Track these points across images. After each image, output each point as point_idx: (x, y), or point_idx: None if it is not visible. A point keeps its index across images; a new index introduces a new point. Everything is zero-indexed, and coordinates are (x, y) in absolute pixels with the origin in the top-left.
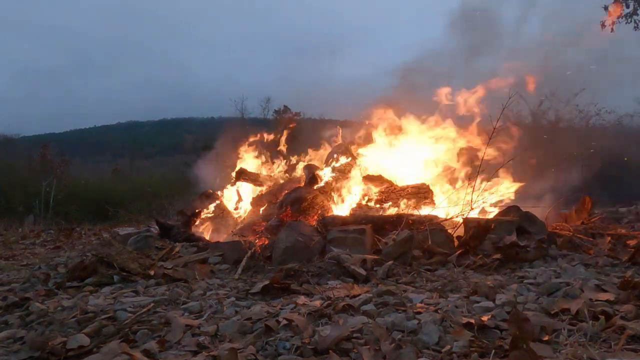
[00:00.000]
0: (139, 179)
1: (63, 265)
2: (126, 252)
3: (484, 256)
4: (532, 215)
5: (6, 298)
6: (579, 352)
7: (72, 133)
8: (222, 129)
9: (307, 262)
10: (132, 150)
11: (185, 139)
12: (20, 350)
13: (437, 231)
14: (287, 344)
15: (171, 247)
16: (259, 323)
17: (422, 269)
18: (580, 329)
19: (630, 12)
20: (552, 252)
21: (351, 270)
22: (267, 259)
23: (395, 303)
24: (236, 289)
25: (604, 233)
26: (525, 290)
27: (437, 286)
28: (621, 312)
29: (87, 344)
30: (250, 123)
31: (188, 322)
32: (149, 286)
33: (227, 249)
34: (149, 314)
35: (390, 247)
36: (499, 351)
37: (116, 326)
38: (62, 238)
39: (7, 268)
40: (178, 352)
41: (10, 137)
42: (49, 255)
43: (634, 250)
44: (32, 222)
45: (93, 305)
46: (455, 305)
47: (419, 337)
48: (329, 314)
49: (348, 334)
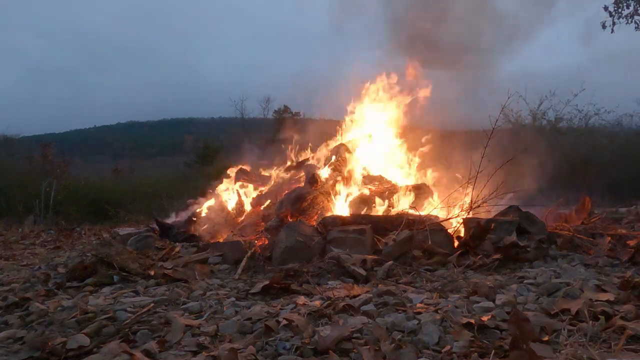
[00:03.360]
0: (139, 179)
1: (63, 265)
2: (126, 252)
3: (484, 256)
4: (532, 215)
5: (6, 298)
6: (579, 352)
7: (72, 133)
8: (223, 129)
9: (307, 262)
10: (132, 150)
11: (186, 139)
12: (20, 350)
13: (437, 231)
14: (287, 344)
15: (171, 247)
16: (259, 323)
17: (422, 269)
18: (580, 329)
19: (631, 13)
20: (552, 252)
21: (351, 270)
22: (267, 259)
23: (395, 303)
24: (236, 289)
25: (604, 233)
26: (525, 291)
27: (437, 286)
28: (621, 312)
29: (87, 344)
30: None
31: (188, 322)
32: (149, 286)
33: (227, 249)
34: (149, 314)
35: (390, 247)
36: (499, 351)
37: (116, 326)
38: (62, 238)
39: (7, 268)
40: (178, 353)
41: (10, 137)
42: (49, 255)
43: (634, 250)
44: (32, 222)
45: (93, 306)
46: (455, 306)
47: (419, 338)
48: (329, 314)
49: (348, 334)
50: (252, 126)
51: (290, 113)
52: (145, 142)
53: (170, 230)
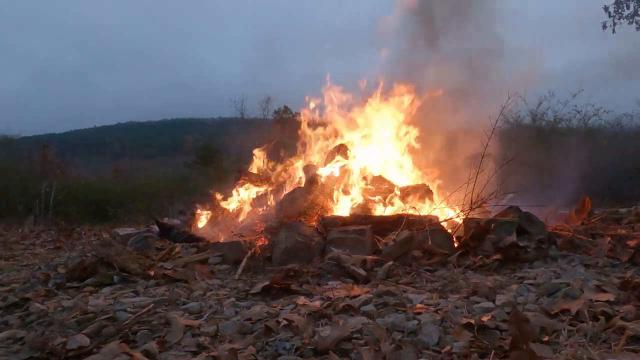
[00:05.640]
0: (139, 180)
1: (63, 265)
2: (126, 253)
3: (484, 257)
4: (532, 215)
5: (6, 298)
6: (579, 352)
7: (73, 133)
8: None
9: (307, 262)
10: (132, 150)
11: (186, 139)
12: (20, 350)
13: (437, 231)
14: (287, 345)
15: (171, 247)
16: (259, 323)
17: (422, 269)
18: (580, 329)
19: (631, 13)
20: (552, 252)
21: (351, 270)
22: (267, 260)
23: (395, 303)
24: (236, 290)
25: (604, 233)
26: (525, 291)
27: (437, 287)
28: (621, 312)
29: (87, 344)
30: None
31: (188, 322)
32: (149, 287)
33: (227, 250)
34: (149, 314)
35: (390, 247)
36: (498, 352)
37: (116, 327)
38: (62, 238)
39: (7, 268)
40: (178, 353)
41: (10, 138)
42: (49, 255)
43: (634, 250)
44: (32, 222)
45: (93, 306)
46: (455, 306)
47: (419, 338)
48: (329, 314)
49: (348, 335)
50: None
51: (290, 113)
52: (145, 142)
53: (170, 230)
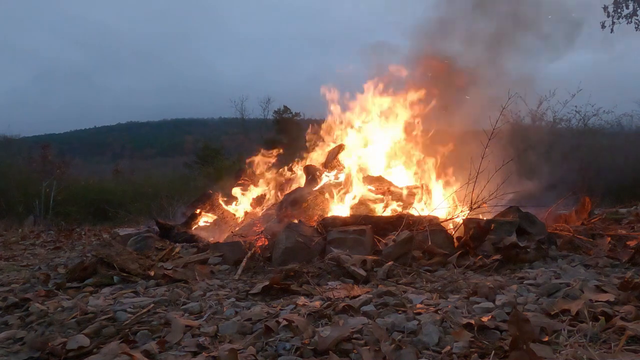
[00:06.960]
0: (139, 180)
1: (63, 266)
2: (126, 253)
3: (484, 257)
4: (532, 216)
5: (6, 299)
6: (579, 353)
7: (73, 134)
8: (223, 129)
9: (307, 262)
10: (132, 150)
11: (186, 139)
12: (20, 351)
13: (437, 232)
14: (287, 345)
15: (171, 247)
16: (259, 324)
17: (422, 269)
18: (580, 329)
19: (630, 13)
20: (552, 252)
21: (351, 271)
22: (267, 260)
23: (395, 304)
24: (236, 290)
25: (604, 234)
26: (525, 291)
27: (437, 287)
28: (621, 313)
29: (87, 344)
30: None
31: (188, 322)
32: (149, 287)
33: (227, 250)
34: (149, 314)
35: (390, 247)
36: (499, 352)
37: (116, 327)
38: (62, 239)
39: (7, 269)
40: (178, 353)
41: (10, 138)
42: (49, 255)
43: (634, 251)
44: (32, 222)
45: (93, 306)
46: (455, 306)
47: (419, 338)
48: (329, 314)
49: (348, 335)
50: (252, 127)
51: (290, 113)
52: (145, 142)
53: (170, 230)
